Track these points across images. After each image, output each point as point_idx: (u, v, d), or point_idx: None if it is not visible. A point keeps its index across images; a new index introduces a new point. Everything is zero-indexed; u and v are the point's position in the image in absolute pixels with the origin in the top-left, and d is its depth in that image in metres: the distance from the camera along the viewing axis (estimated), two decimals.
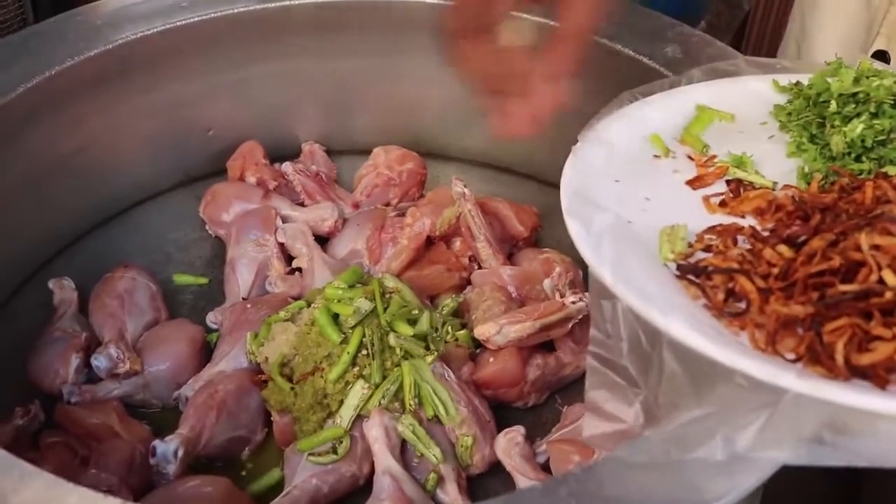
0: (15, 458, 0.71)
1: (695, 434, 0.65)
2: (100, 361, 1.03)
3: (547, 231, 1.25)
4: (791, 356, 0.65)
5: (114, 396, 1.03)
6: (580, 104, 1.19)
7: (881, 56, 1.12)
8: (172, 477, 0.94)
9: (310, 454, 0.95)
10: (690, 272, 0.72)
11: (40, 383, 1.05)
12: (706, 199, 0.81)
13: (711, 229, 0.76)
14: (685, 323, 0.65)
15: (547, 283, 1.10)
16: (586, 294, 1.06)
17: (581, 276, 1.13)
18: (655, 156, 0.86)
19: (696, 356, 0.64)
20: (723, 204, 0.80)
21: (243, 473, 1.00)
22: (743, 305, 0.68)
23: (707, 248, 0.74)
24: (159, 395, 1.05)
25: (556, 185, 1.27)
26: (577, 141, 0.84)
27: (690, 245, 0.75)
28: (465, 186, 1.15)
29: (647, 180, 0.82)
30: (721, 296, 0.69)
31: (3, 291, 1.13)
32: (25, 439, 0.99)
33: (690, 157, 0.86)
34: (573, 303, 1.04)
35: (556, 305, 1.04)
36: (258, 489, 0.98)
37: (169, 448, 0.94)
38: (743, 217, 0.79)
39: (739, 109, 0.90)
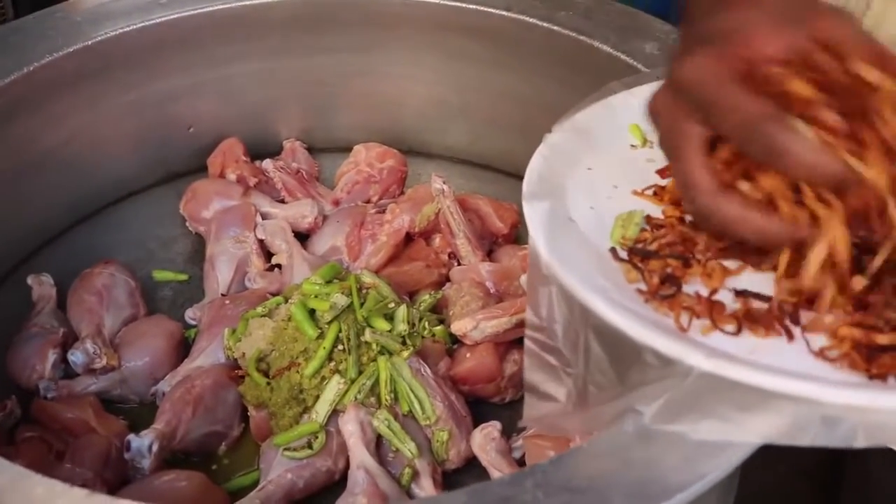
0: None
1: (611, 411, 0.68)
2: (76, 357, 1.03)
3: (526, 228, 1.24)
4: (731, 328, 0.67)
5: (91, 392, 1.04)
6: (558, 100, 1.21)
7: None
8: (147, 471, 0.94)
9: (285, 449, 0.95)
10: (638, 255, 0.73)
11: (17, 378, 1.05)
12: (638, 192, 0.81)
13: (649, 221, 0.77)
14: (607, 301, 0.66)
15: (524, 278, 1.10)
16: None
17: None
18: (633, 145, 0.86)
19: (618, 340, 0.66)
20: (655, 194, 0.80)
21: (219, 468, 1.00)
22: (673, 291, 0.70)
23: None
24: (137, 391, 1.05)
25: None
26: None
27: (644, 230, 0.76)
28: (444, 183, 1.15)
29: (619, 169, 0.82)
30: (656, 280, 0.71)
31: None
32: (2, 434, 0.99)
33: None
34: None
35: None
36: (234, 484, 0.98)
37: (143, 443, 0.94)
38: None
39: None
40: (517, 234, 1.24)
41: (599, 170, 0.82)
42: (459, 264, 1.15)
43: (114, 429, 0.99)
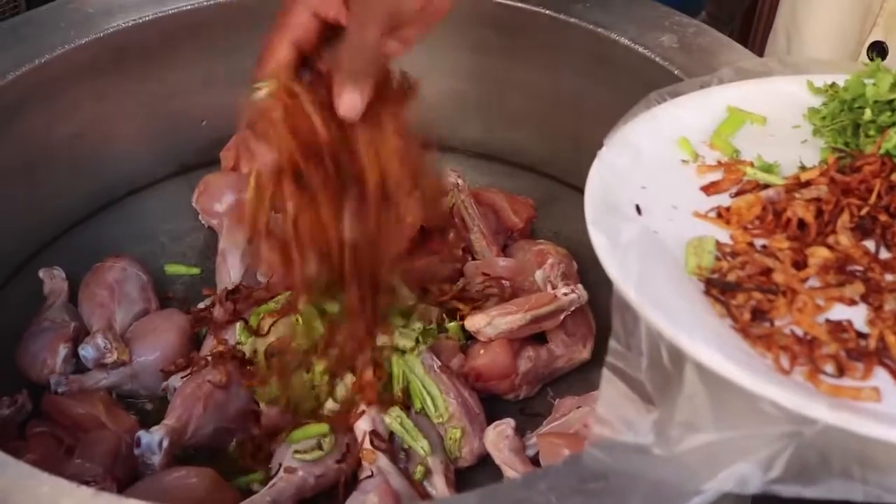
0: None
1: (712, 459, 0.63)
2: (87, 351, 1.02)
3: (542, 222, 1.24)
4: (830, 369, 0.62)
5: (101, 386, 1.03)
6: (575, 93, 1.20)
7: (878, 48, 1.09)
8: (157, 467, 0.93)
9: (295, 451, 0.94)
10: (717, 288, 0.69)
11: (28, 373, 1.04)
12: (700, 214, 0.77)
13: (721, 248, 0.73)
14: (712, 346, 0.62)
15: (539, 274, 1.09)
16: (579, 286, 1.05)
17: (574, 268, 1.12)
18: (683, 160, 0.82)
19: (719, 379, 0.61)
20: (719, 216, 0.76)
21: (229, 465, 0.99)
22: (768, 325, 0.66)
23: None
24: (147, 386, 1.05)
25: (552, 177, 1.29)
26: (603, 145, 0.80)
27: (718, 259, 0.71)
28: (459, 177, 1.14)
29: (673, 187, 0.79)
30: (747, 315, 0.66)
31: None
32: (12, 428, 0.99)
33: (720, 162, 0.82)
34: (565, 294, 1.03)
35: (548, 297, 1.03)
36: (244, 481, 0.97)
37: (154, 438, 0.93)
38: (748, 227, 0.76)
39: (772, 111, 0.86)
40: (533, 229, 1.22)
41: (655, 188, 0.78)
42: (474, 259, 1.14)
43: (124, 424, 0.98)
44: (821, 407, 0.58)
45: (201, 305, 1.11)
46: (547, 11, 1.16)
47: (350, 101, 0.78)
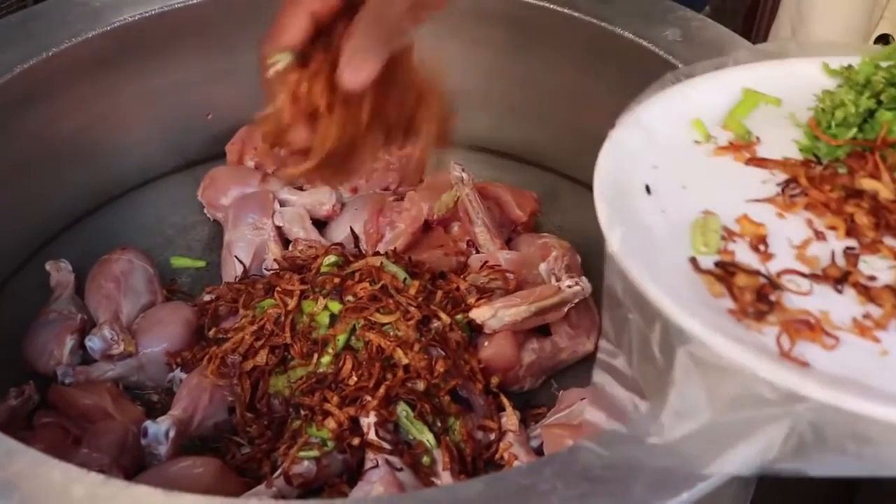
0: (2, 436, 0.71)
1: (708, 445, 0.63)
2: (94, 342, 1.03)
3: (547, 216, 1.24)
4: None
5: (108, 378, 1.03)
6: (579, 88, 1.21)
7: (885, 41, 1.10)
8: (164, 458, 0.94)
9: (301, 448, 0.95)
10: (725, 268, 0.69)
11: (35, 364, 1.05)
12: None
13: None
14: (708, 323, 0.62)
15: (543, 266, 1.09)
16: (583, 278, 1.06)
17: (578, 261, 1.13)
18: (696, 141, 0.82)
19: (712, 366, 0.62)
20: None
21: (235, 455, 0.99)
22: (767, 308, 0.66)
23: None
24: (154, 377, 1.05)
25: (556, 171, 1.30)
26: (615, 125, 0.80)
27: (723, 238, 0.72)
28: (463, 171, 1.15)
29: (685, 167, 0.79)
30: (749, 297, 0.67)
31: (2, 272, 1.13)
32: (20, 419, 0.99)
33: (731, 143, 0.82)
34: (569, 287, 1.03)
35: (552, 289, 1.04)
36: (250, 471, 0.97)
37: (160, 429, 0.94)
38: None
39: (787, 93, 0.85)
40: (537, 222, 1.23)
41: (665, 168, 0.78)
42: (478, 252, 1.15)
43: (131, 415, 0.99)
44: (812, 384, 0.59)
45: (207, 298, 1.11)
46: (550, 5, 1.17)
47: (352, 76, 0.75)
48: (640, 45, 1.10)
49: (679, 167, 0.79)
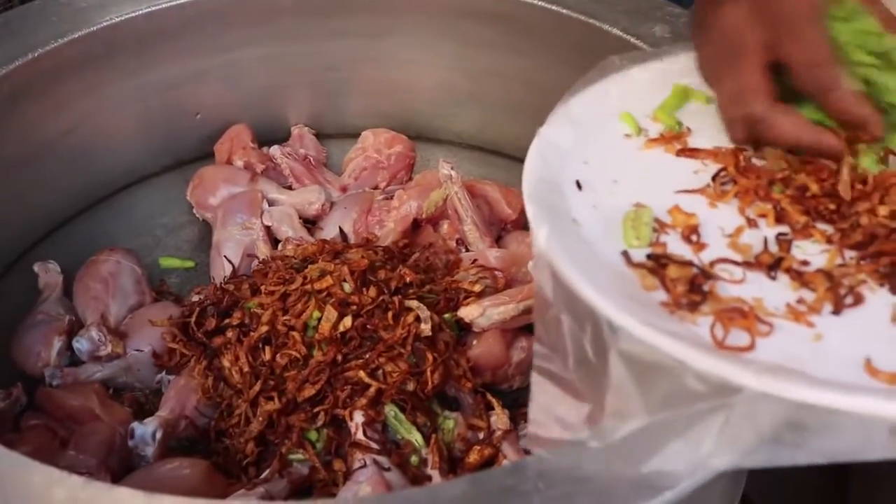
0: None
1: (647, 444, 0.63)
2: (81, 344, 1.02)
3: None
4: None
5: (96, 379, 1.03)
6: (568, 85, 1.20)
7: None
8: (151, 459, 0.94)
9: (290, 452, 0.94)
10: (657, 260, 0.69)
11: (23, 366, 1.05)
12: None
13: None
14: (639, 317, 0.62)
15: (531, 264, 1.09)
16: None
17: None
18: (626, 135, 0.83)
19: (644, 363, 0.61)
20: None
21: (224, 456, 0.99)
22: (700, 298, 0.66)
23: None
24: (142, 378, 1.05)
25: None
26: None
27: (655, 230, 0.72)
28: (452, 169, 1.14)
29: (616, 161, 0.80)
30: (682, 288, 0.66)
31: None
32: (7, 421, 0.99)
33: (662, 135, 0.83)
34: None
35: None
36: (238, 472, 0.97)
37: (147, 430, 0.93)
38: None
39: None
40: (525, 220, 1.22)
41: (596, 163, 0.79)
42: (467, 250, 1.14)
43: (118, 416, 0.99)
44: (748, 374, 0.58)
45: (195, 298, 1.11)
46: (539, 3, 1.16)
47: None
48: (629, 42, 1.09)
49: (610, 161, 0.79)
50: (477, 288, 1.05)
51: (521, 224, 1.21)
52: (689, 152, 0.81)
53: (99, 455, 0.93)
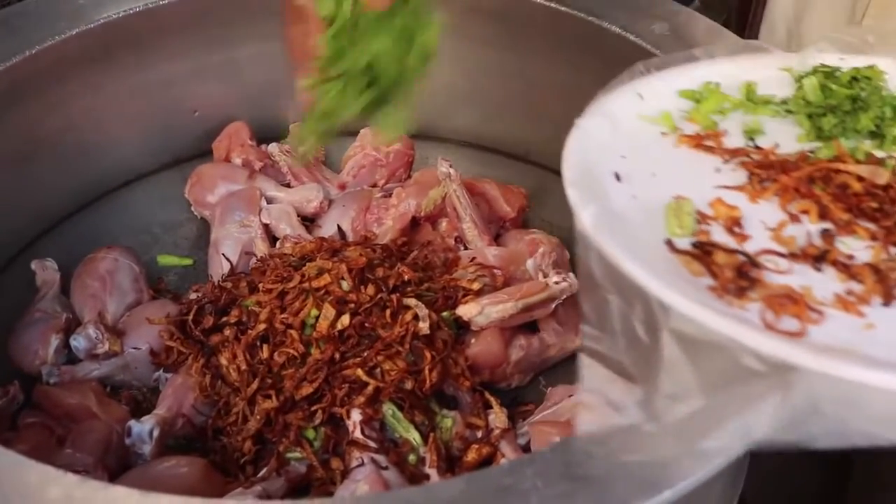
0: None
1: (705, 424, 0.63)
2: (78, 342, 1.02)
3: (535, 212, 1.24)
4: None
5: (93, 377, 1.03)
6: (567, 82, 1.20)
7: None
8: (148, 457, 0.93)
9: (288, 451, 0.94)
10: (703, 248, 0.69)
11: (20, 364, 1.05)
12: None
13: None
14: (692, 298, 0.62)
15: (530, 262, 1.09)
16: (570, 274, 1.05)
17: (567, 257, 1.12)
18: (663, 133, 0.83)
19: (697, 343, 0.61)
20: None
21: (221, 454, 0.98)
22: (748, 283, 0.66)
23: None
24: (139, 377, 1.05)
25: (544, 166, 1.29)
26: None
27: (697, 221, 0.72)
28: (450, 167, 1.14)
29: (653, 156, 0.79)
30: (729, 273, 0.66)
31: None
32: (4, 419, 0.99)
33: (698, 134, 0.82)
34: (556, 283, 1.03)
35: (539, 286, 1.03)
36: (235, 470, 0.97)
37: (144, 428, 0.93)
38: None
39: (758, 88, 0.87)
40: (525, 218, 1.22)
41: (634, 157, 0.78)
42: (466, 248, 1.14)
43: (115, 414, 0.98)
44: (806, 354, 0.58)
45: (193, 296, 1.11)
46: (539, 1, 1.16)
47: None
48: (628, 39, 1.09)
49: (648, 156, 0.79)
50: (475, 286, 1.05)
51: (520, 222, 1.21)
52: (731, 152, 0.81)
53: (96, 453, 0.93)
